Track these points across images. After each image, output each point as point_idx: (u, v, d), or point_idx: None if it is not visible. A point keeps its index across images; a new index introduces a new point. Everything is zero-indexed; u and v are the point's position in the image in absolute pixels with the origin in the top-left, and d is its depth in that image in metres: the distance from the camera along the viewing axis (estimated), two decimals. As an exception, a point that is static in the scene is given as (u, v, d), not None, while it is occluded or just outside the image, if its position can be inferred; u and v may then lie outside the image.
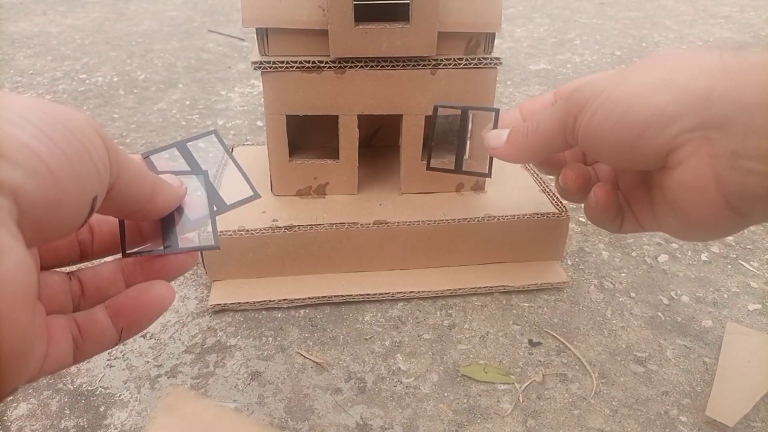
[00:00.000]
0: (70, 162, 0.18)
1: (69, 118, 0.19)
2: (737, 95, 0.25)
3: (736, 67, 0.26)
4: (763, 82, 0.24)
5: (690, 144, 0.26)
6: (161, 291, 0.24)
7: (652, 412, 0.36)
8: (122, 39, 1.14)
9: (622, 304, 0.45)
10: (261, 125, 0.76)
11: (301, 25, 0.41)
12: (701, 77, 0.26)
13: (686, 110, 0.26)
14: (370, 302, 0.45)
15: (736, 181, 0.26)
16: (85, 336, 0.23)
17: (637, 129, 0.27)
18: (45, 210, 0.17)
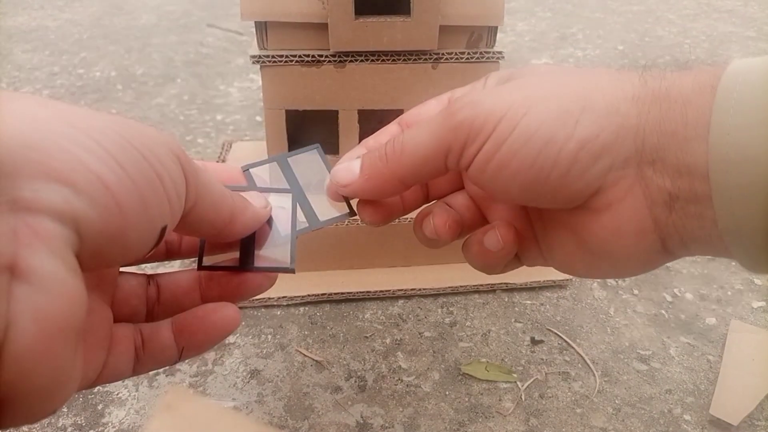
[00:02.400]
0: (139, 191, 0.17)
1: (146, 142, 0.18)
2: (668, 126, 0.22)
3: (658, 91, 0.22)
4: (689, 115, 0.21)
5: (621, 183, 0.23)
6: (228, 314, 0.23)
7: (656, 411, 0.36)
8: (120, 33, 1.13)
9: (625, 301, 0.44)
10: (260, 120, 0.76)
11: (301, 18, 0.40)
12: (628, 102, 0.22)
13: (619, 141, 0.22)
14: (370, 300, 0.44)
15: (675, 224, 0.22)
16: (147, 350, 0.22)
17: (560, 166, 0.22)
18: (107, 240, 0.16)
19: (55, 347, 0.15)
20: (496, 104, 0.23)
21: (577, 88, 0.23)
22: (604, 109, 0.22)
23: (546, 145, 0.22)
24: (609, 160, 0.22)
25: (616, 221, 0.23)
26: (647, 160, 0.22)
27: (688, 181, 0.21)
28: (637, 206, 0.23)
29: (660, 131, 0.22)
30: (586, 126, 0.22)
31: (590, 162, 0.22)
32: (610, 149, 0.22)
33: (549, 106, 0.22)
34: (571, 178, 0.22)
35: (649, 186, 0.22)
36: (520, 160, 0.22)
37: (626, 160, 0.22)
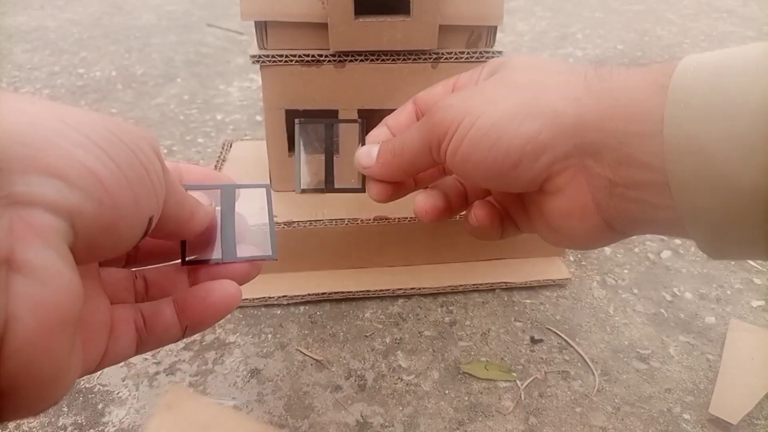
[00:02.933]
0: (130, 184, 0.18)
1: (131, 137, 0.18)
2: (608, 124, 0.24)
3: (601, 91, 0.25)
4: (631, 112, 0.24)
5: (566, 172, 0.26)
6: (230, 291, 0.23)
7: (655, 410, 0.36)
8: (120, 33, 1.13)
9: (625, 300, 0.45)
10: (260, 120, 0.76)
11: (301, 18, 0.40)
12: (569, 103, 0.25)
13: (558, 138, 0.25)
14: (370, 299, 0.44)
15: (615, 207, 0.25)
16: (150, 329, 0.23)
17: (510, 160, 0.26)
18: (101, 232, 0.17)
19: (54, 338, 0.15)
20: (461, 107, 0.27)
21: (528, 91, 0.26)
22: (546, 111, 0.25)
23: (496, 142, 0.26)
24: (551, 155, 0.26)
25: (564, 203, 0.27)
26: (588, 152, 0.25)
27: (627, 170, 0.24)
28: (581, 191, 0.26)
29: (599, 128, 0.24)
30: (528, 126, 0.25)
31: (535, 156, 0.26)
32: (550, 145, 0.25)
33: (500, 108, 0.26)
34: (521, 169, 0.26)
35: (590, 174, 0.25)
36: (478, 154, 0.27)
37: (567, 153, 0.25)
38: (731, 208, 0.21)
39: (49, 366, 0.15)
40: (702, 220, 0.22)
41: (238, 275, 0.25)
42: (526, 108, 0.26)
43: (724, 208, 0.21)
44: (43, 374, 0.15)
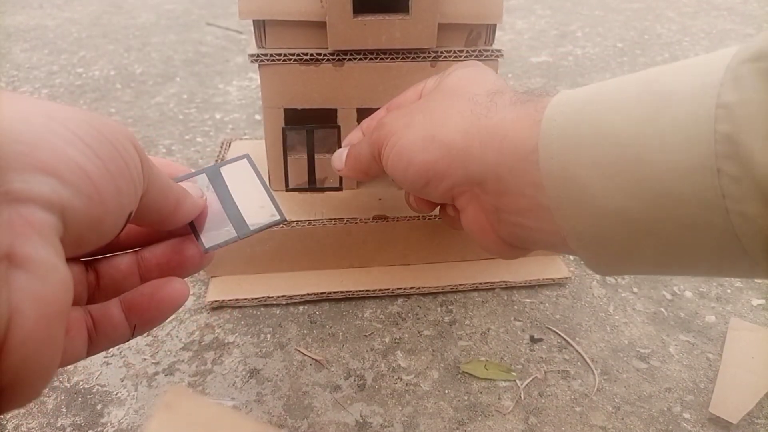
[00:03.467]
0: (114, 179, 0.18)
1: (113, 133, 0.19)
2: (487, 157, 0.27)
3: (485, 127, 0.28)
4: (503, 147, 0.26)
5: (464, 196, 0.30)
6: (176, 288, 0.24)
7: (655, 409, 0.35)
8: (119, 32, 1.13)
9: (625, 299, 0.44)
10: (259, 119, 0.75)
11: (299, 16, 0.40)
12: (459, 135, 0.28)
13: (452, 167, 0.29)
14: (369, 298, 0.44)
15: (505, 230, 0.29)
16: (99, 330, 0.23)
17: (419, 181, 0.30)
18: (88, 227, 0.17)
19: (52, 330, 0.16)
20: (390, 127, 0.32)
21: (433, 120, 0.30)
22: (442, 142, 0.29)
23: (409, 165, 0.30)
24: (450, 181, 0.29)
25: (467, 220, 0.31)
26: (475, 182, 0.28)
27: (507, 199, 0.27)
28: (477, 213, 0.30)
29: (481, 161, 0.27)
30: (429, 154, 0.29)
31: (437, 180, 0.30)
32: (446, 173, 0.29)
33: (412, 134, 0.30)
34: (431, 188, 0.30)
35: (480, 200, 0.29)
36: (399, 171, 0.31)
37: (460, 181, 0.29)
38: (603, 230, 0.24)
39: (48, 357, 0.16)
40: (582, 241, 0.25)
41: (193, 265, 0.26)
42: (429, 138, 0.29)
43: (597, 230, 0.24)
44: (43, 365, 0.16)
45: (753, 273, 0.22)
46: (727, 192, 0.19)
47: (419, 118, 0.31)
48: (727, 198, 0.19)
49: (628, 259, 0.24)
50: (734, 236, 0.20)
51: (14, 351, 0.15)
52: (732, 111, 0.19)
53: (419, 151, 0.30)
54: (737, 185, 0.19)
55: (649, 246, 0.23)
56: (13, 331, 0.14)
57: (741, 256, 0.20)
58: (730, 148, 0.19)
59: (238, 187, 0.29)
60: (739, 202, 0.19)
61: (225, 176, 0.28)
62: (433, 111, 0.31)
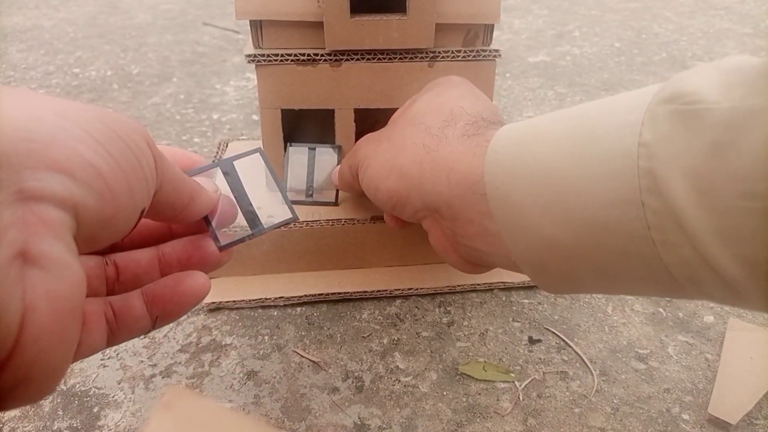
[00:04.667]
0: (126, 177, 0.18)
1: (125, 130, 0.19)
2: (437, 188, 0.29)
3: (434, 160, 0.29)
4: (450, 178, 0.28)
5: (426, 220, 0.32)
6: (198, 281, 0.24)
7: (654, 410, 0.35)
8: (116, 32, 1.12)
9: (623, 300, 0.44)
10: (256, 119, 0.75)
11: (296, 17, 0.40)
12: (414, 166, 0.30)
13: (410, 195, 0.31)
14: (367, 299, 0.44)
15: (463, 251, 0.31)
16: (119, 321, 0.23)
17: (388, 204, 0.33)
18: (100, 224, 0.17)
19: (66, 327, 0.16)
20: (361, 154, 0.35)
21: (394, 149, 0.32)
22: (400, 173, 0.31)
23: (376, 191, 0.33)
24: (411, 207, 0.32)
25: (432, 240, 0.33)
26: (432, 208, 0.30)
27: (460, 224, 0.29)
28: (439, 235, 0.32)
29: (432, 191, 0.29)
30: (391, 182, 0.32)
31: (401, 206, 0.32)
32: (407, 200, 0.31)
33: (377, 163, 0.33)
34: (398, 211, 0.33)
35: (440, 225, 0.31)
36: (370, 193, 0.34)
37: (420, 207, 0.31)
38: (542, 255, 0.25)
39: (61, 354, 0.16)
40: (527, 264, 0.26)
41: (212, 261, 0.26)
42: (389, 167, 0.32)
43: (537, 255, 0.25)
44: (56, 362, 0.16)
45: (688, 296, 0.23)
46: (652, 223, 0.21)
47: (384, 146, 0.33)
48: (652, 229, 0.21)
49: (569, 282, 0.26)
50: (662, 264, 0.21)
51: (29, 347, 0.15)
52: (650, 149, 0.21)
53: (384, 179, 0.32)
54: (659, 217, 0.20)
55: (585, 271, 0.24)
56: (27, 328, 0.15)
57: (672, 281, 0.22)
58: (652, 183, 0.20)
59: (252, 183, 0.29)
60: (663, 233, 0.20)
61: (239, 170, 0.28)
62: (395, 140, 0.33)
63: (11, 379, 0.15)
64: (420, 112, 0.33)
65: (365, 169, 0.34)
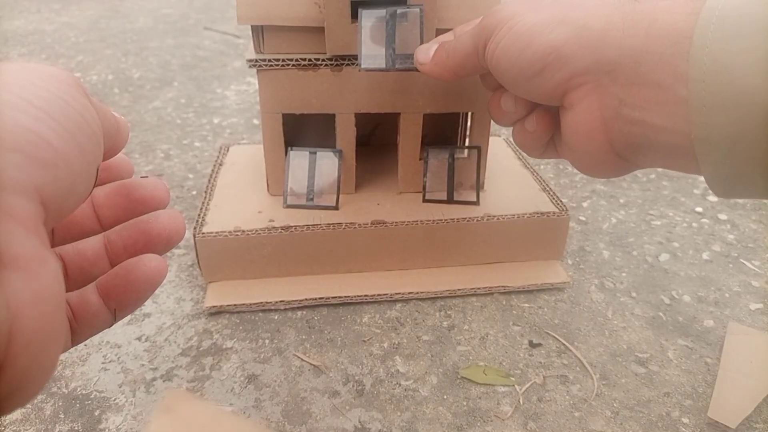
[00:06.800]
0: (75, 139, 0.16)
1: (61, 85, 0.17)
2: (627, 42, 0.25)
3: (631, 12, 0.26)
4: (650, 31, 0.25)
5: (583, 87, 0.27)
6: (150, 266, 0.22)
7: (654, 414, 0.35)
8: (117, 37, 1.13)
9: (623, 304, 0.44)
10: (257, 123, 0.75)
11: (297, 22, 0.40)
12: (598, 18, 0.26)
13: (580, 52, 0.26)
14: (368, 303, 0.44)
15: (620, 129, 0.27)
16: (78, 319, 0.22)
17: (535, 66, 0.28)
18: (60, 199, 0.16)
19: (53, 326, 0.15)
20: (507, 11, 0.29)
21: (566, 3, 0.28)
22: (575, 24, 0.27)
23: (526, 47, 0.28)
24: (572, 67, 0.27)
25: (574, 120, 0.28)
26: (604, 70, 0.26)
27: (638, 89, 0.25)
28: (592, 108, 0.27)
29: (620, 45, 0.25)
30: (557, 35, 0.27)
31: (558, 65, 0.27)
32: (571, 57, 0.27)
33: (537, 16, 0.28)
34: (543, 77, 0.28)
35: (603, 92, 0.27)
36: (509, 57, 0.29)
37: (586, 68, 0.27)
38: (745, 125, 0.22)
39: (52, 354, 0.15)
40: (713, 143, 0.23)
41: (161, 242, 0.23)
42: (559, 18, 0.27)
43: (736, 128, 0.22)
44: (48, 363, 0.15)
45: None
46: None
47: (548, 3, 0.28)
48: None
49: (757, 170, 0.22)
50: None
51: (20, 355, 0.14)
52: None
53: (543, 33, 0.27)
54: None
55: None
56: (17, 337, 0.14)
57: None
58: None
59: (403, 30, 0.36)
60: None
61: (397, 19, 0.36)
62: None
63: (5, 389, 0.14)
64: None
65: (511, 27, 0.28)
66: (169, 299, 0.45)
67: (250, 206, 0.46)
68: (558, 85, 0.28)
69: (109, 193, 0.24)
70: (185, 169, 0.64)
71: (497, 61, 0.30)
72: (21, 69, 0.17)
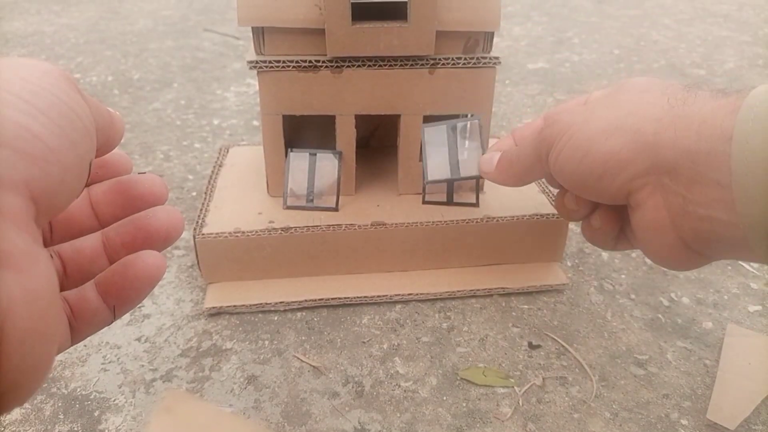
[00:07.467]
0: (65, 134, 0.16)
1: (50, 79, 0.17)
2: (682, 143, 0.26)
3: (680, 114, 0.27)
4: (701, 132, 0.25)
5: (646, 188, 0.28)
6: (149, 262, 0.22)
7: (653, 416, 0.36)
8: (117, 38, 1.13)
9: (622, 306, 0.45)
10: (257, 125, 0.76)
11: (298, 24, 0.40)
12: (650, 123, 0.27)
13: (637, 156, 0.28)
14: (367, 305, 0.44)
15: (689, 226, 0.27)
16: (78, 317, 0.21)
17: (595, 173, 0.29)
18: (52, 194, 0.16)
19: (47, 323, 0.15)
20: (566, 122, 0.31)
21: (619, 111, 0.29)
22: (629, 130, 0.28)
23: (585, 155, 0.29)
24: (631, 171, 0.28)
25: (643, 219, 0.29)
26: (664, 170, 0.27)
27: (700, 188, 0.26)
28: (658, 207, 0.28)
29: (674, 147, 0.26)
30: (613, 143, 0.28)
31: (616, 171, 0.28)
32: (630, 162, 0.28)
33: (594, 125, 0.29)
34: (605, 181, 0.29)
35: (667, 192, 0.27)
36: (571, 165, 0.30)
37: (646, 170, 0.28)
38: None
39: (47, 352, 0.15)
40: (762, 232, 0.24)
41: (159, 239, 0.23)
42: (614, 127, 0.28)
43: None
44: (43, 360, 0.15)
45: None
46: None
47: (602, 112, 0.30)
48: None
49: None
50: None
51: (13, 354, 0.14)
52: None
53: (601, 141, 0.29)
54: None
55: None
56: (9, 335, 0.14)
57: None
58: None
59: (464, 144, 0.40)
60: None
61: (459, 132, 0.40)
62: (619, 104, 0.29)
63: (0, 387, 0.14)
64: (648, 82, 0.31)
65: (570, 136, 0.30)
66: (168, 300, 0.45)
67: (250, 207, 0.46)
68: (620, 187, 0.29)
69: (106, 190, 0.24)
70: (185, 171, 0.64)
71: (560, 169, 0.31)
72: (10, 64, 0.17)
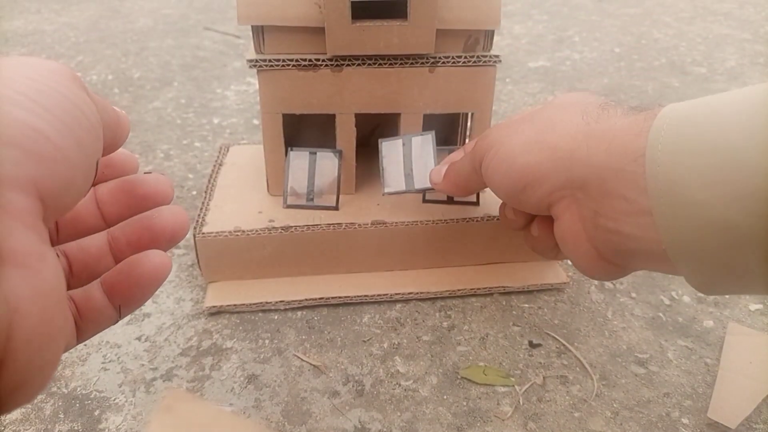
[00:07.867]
0: (73, 133, 0.16)
1: (56, 77, 0.17)
2: (593, 159, 0.27)
3: (594, 131, 0.28)
4: (610, 150, 0.27)
5: (563, 200, 0.30)
6: (154, 261, 0.22)
7: (654, 414, 0.35)
8: (117, 37, 1.13)
9: (623, 304, 0.44)
10: (257, 123, 0.76)
11: (298, 22, 0.40)
12: (566, 140, 0.29)
13: (554, 171, 0.29)
14: (368, 304, 0.44)
15: (601, 238, 0.28)
16: (83, 316, 0.22)
17: (519, 185, 0.31)
18: (59, 193, 0.16)
19: (54, 322, 0.15)
20: (493, 137, 0.33)
21: (539, 127, 0.31)
22: (547, 146, 0.30)
23: (509, 168, 0.31)
24: (549, 184, 0.30)
25: (560, 229, 0.31)
26: (577, 185, 0.29)
27: (609, 201, 0.27)
28: (573, 219, 0.30)
29: (586, 163, 0.28)
30: (531, 158, 0.30)
31: (536, 184, 0.30)
32: (547, 176, 0.30)
33: (516, 140, 0.31)
34: (527, 193, 0.31)
35: (580, 205, 0.29)
36: (498, 176, 0.33)
37: (562, 184, 0.29)
38: (705, 240, 0.23)
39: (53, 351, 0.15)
40: (683, 253, 0.24)
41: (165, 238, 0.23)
42: (533, 142, 0.30)
43: (698, 241, 0.23)
44: (50, 359, 0.15)
45: None
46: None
47: (525, 127, 0.32)
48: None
49: (731, 274, 0.23)
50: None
51: (20, 353, 0.14)
52: None
53: (522, 154, 0.31)
54: None
55: (755, 260, 0.22)
56: (16, 333, 0.14)
57: None
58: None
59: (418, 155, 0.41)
60: None
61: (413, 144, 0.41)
62: (541, 120, 0.31)
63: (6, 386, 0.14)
64: (571, 99, 0.32)
65: (497, 150, 0.32)
66: (169, 299, 0.45)
67: (250, 206, 0.46)
68: (541, 199, 0.31)
69: (112, 189, 0.24)
70: (185, 169, 0.64)
71: (491, 180, 0.33)
72: (17, 63, 0.17)
